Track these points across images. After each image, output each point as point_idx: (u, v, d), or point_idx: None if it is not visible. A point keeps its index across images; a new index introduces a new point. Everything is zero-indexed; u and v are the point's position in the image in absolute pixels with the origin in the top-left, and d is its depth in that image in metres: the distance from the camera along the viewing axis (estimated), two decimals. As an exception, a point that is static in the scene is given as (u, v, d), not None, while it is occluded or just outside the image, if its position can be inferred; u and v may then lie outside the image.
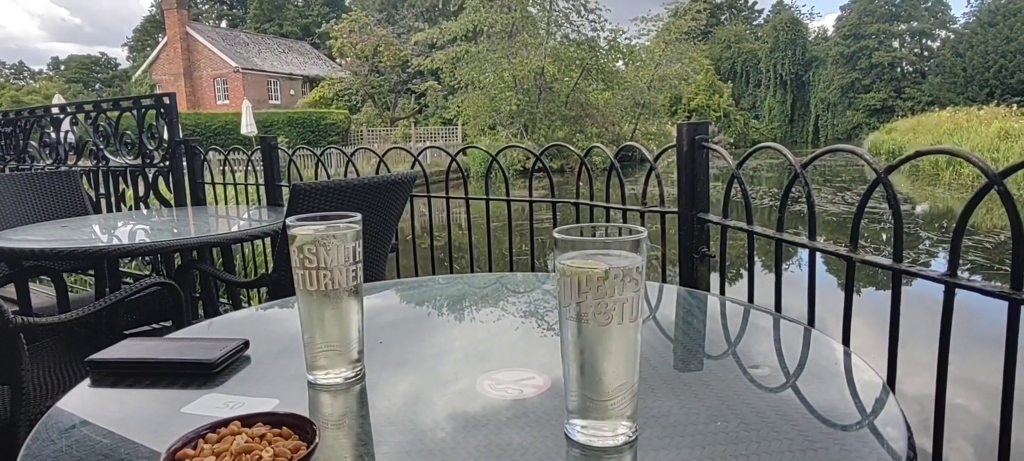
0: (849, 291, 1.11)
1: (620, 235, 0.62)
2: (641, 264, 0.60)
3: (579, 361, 0.61)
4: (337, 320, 0.79)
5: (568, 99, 27.13)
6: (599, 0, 27.52)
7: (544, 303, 1.16)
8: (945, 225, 10.49)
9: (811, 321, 1.17)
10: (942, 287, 0.96)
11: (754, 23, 52.66)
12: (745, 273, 1.44)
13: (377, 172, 2.61)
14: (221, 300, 3.52)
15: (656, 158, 1.72)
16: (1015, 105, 24.69)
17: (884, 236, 9.75)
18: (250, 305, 3.40)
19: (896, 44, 44.31)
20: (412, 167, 2.54)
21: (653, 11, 30.57)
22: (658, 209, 1.68)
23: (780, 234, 1.26)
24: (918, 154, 1.02)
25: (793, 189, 1.29)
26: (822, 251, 1.14)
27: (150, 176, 3.67)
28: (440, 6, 38.87)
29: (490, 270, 2.47)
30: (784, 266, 1.30)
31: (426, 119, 33.55)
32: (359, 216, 0.82)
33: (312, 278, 0.77)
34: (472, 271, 2.56)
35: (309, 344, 0.80)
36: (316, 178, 3.37)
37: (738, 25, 50.30)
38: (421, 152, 2.57)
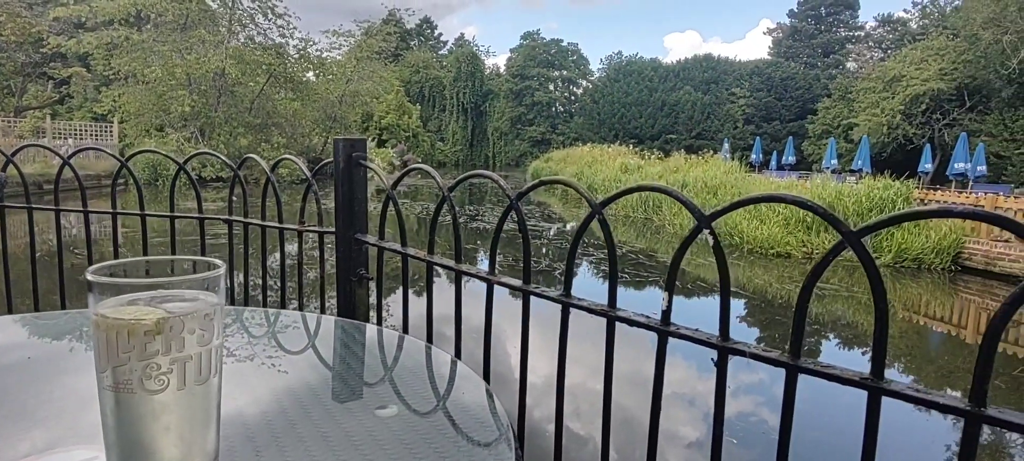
0: (488, 317, 1.15)
1: (184, 272, 0.49)
2: (216, 308, 0.48)
3: (120, 444, 0.46)
4: None
5: (253, 105, 25.17)
6: (288, 6, 26.28)
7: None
8: (585, 241, 12.59)
9: (457, 351, 1.19)
10: (560, 306, 1.05)
11: (440, 52, 56.49)
12: (415, 293, 1.41)
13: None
14: None
15: (314, 173, 1.60)
16: (631, 145, 31.35)
17: (544, 250, 11.26)
18: None
19: (552, 87, 52.21)
20: (4, 168, 1.96)
21: (346, 26, 30.44)
22: (315, 229, 1.57)
23: (430, 257, 1.26)
24: (541, 182, 1.11)
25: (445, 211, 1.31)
26: (466, 274, 1.17)
27: None
28: (88, -21, 32.51)
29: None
30: (450, 282, 1.32)
31: (70, 112, 27.58)
32: None
33: None
34: (63, 305, 2.07)
35: None
36: None
37: (425, 52, 53.40)
38: (17, 151, 1.99)
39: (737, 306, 7.39)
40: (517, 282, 1.10)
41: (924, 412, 4.46)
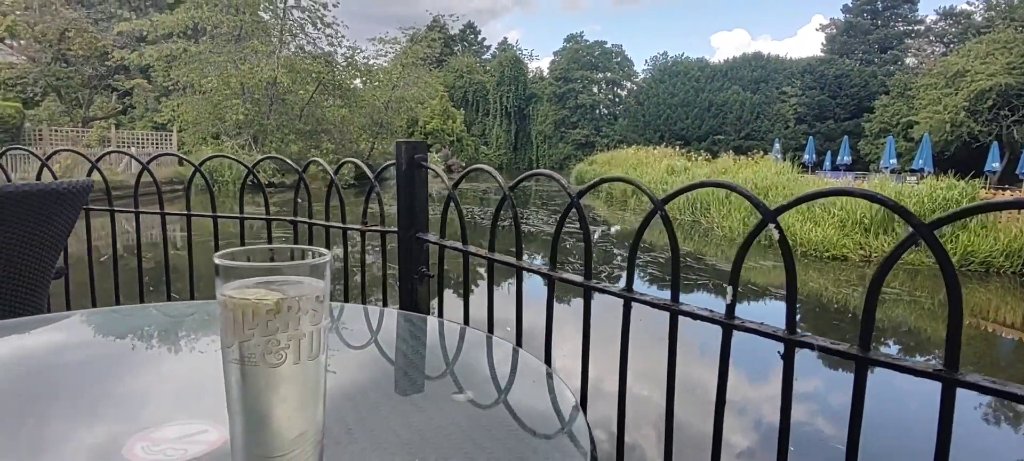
0: (549, 309, 1.18)
1: (294, 258, 0.54)
2: (323, 292, 0.52)
3: (245, 411, 0.51)
4: None
5: (303, 113, 25.91)
6: (337, 16, 27.00)
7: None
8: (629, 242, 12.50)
9: (519, 340, 1.22)
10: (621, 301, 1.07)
11: (483, 57, 56.91)
12: (476, 288, 1.46)
13: (39, 178, 2.10)
14: None
15: (376, 176, 1.67)
16: (678, 147, 30.88)
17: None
18: None
19: (596, 89, 51.93)
20: (89, 174, 2.09)
21: (391, 34, 31.05)
22: (377, 229, 1.63)
23: (491, 254, 1.30)
24: (603, 180, 1.13)
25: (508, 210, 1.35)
26: (527, 270, 1.21)
27: None
28: (150, -5, 34.06)
29: (192, 297, 2.15)
30: (500, 283, 1.36)
31: (132, 122, 28.93)
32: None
33: None
34: (168, 297, 2.21)
35: None
36: (-54, 185, 2.60)
37: (469, 57, 53.86)
38: (100, 158, 2.13)
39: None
40: (578, 278, 1.13)
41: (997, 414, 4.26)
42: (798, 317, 7.33)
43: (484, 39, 59.67)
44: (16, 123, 23.42)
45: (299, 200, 1.98)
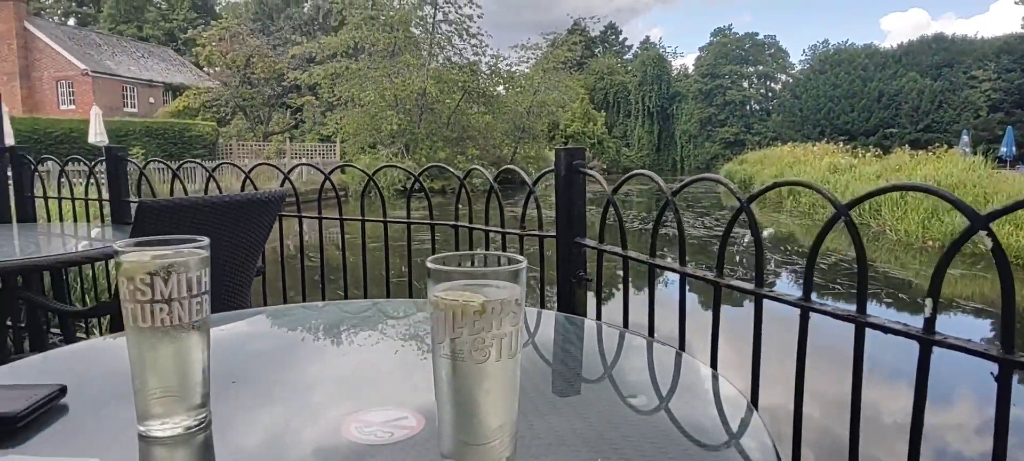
0: (716, 315, 1.15)
1: (499, 264, 0.58)
2: (520, 296, 0.56)
3: (454, 401, 0.56)
4: (176, 360, 0.68)
5: (450, 120, 27.23)
6: (481, 26, 28.08)
7: (419, 330, 1.10)
8: (788, 247, 11.64)
9: (682, 345, 1.20)
10: (797, 310, 1.01)
11: (624, 57, 56.09)
12: (617, 292, 1.46)
13: (243, 189, 2.42)
14: (53, 331, 3.09)
15: (535, 182, 1.72)
16: (841, 143, 28.19)
17: (738, 257, 10.63)
18: (88, 337, 3.01)
19: (746, 84, 49.09)
20: (281, 184, 2.37)
21: (532, 40, 31.66)
22: (536, 233, 1.68)
23: (652, 259, 1.29)
24: (777, 185, 1.08)
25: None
26: (692, 276, 1.18)
27: (-36, 188, 3.16)
28: (319, 20, 37.70)
29: (365, 295, 2.36)
30: (640, 287, 1.35)
31: (302, 135, 32.18)
32: (207, 240, 0.72)
33: (144, 312, 0.66)
34: (346, 295, 2.44)
35: (140, 390, 0.68)
36: (171, 194, 3.07)
37: (610, 58, 53.36)
38: (292, 169, 2.41)
39: (981, 325, 6.33)
40: (748, 285, 1.09)
41: None
42: (993, 333, 6.42)
43: (625, 39, 58.93)
44: (212, 139, 27.05)
45: (459, 206, 2.09)
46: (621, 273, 1.39)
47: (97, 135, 17.24)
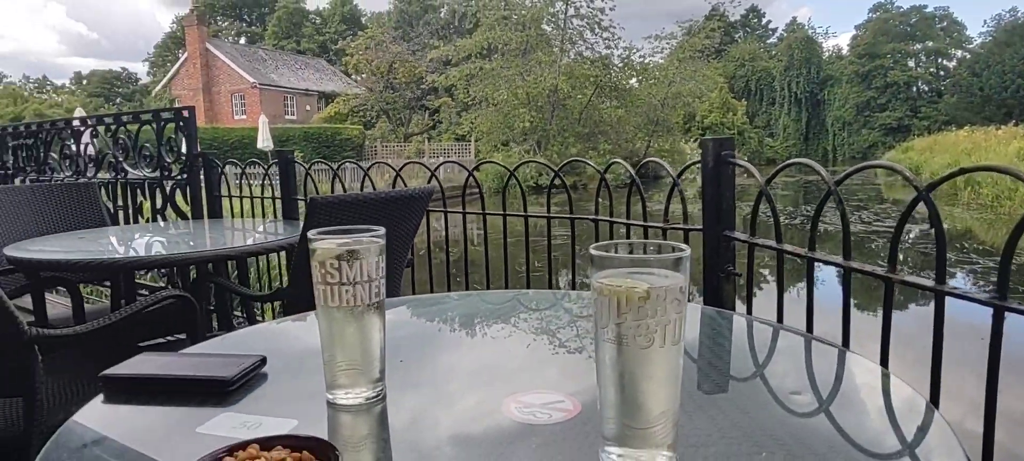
0: (887, 312, 1.07)
1: (660, 252, 0.59)
2: (684, 283, 0.56)
3: (618, 385, 0.57)
4: (359, 337, 0.76)
5: (581, 116, 27.17)
6: (613, 18, 27.68)
7: (562, 321, 1.13)
8: (963, 244, 10.30)
9: (846, 342, 1.12)
10: (990, 310, 0.91)
11: (768, 42, 52.64)
12: (761, 290, 1.40)
13: (393, 186, 2.59)
14: (235, 314, 3.51)
15: (679, 175, 1.68)
16: (1034, 125, 24.41)
17: (901, 256, 9.60)
18: (263, 319, 3.39)
19: (912, 63, 44.05)
20: (428, 182, 2.52)
21: (667, 29, 30.69)
22: (681, 226, 1.65)
23: (812, 253, 1.22)
24: (963, 171, 0.98)
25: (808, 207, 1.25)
26: (859, 271, 1.10)
27: (168, 188, 3.68)
28: (455, 24, 39.26)
29: (506, 286, 2.43)
30: (792, 285, 1.26)
31: (439, 135, 33.74)
32: (383, 230, 0.79)
33: (334, 294, 0.74)
34: (487, 287, 2.53)
35: (329, 362, 0.77)
36: (332, 192, 3.37)
37: (752, 43, 50.26)
38: (438, 167, 2.55)
39: None
40: (928, 282, 1.00)
41: None
42: None
43: (769, 21, 55.30)
44: (359, 142, 29.22)
45: (600, 199, 2.10)
46: (765, 270, 1.33)
47: (264, 141, 19.31)
